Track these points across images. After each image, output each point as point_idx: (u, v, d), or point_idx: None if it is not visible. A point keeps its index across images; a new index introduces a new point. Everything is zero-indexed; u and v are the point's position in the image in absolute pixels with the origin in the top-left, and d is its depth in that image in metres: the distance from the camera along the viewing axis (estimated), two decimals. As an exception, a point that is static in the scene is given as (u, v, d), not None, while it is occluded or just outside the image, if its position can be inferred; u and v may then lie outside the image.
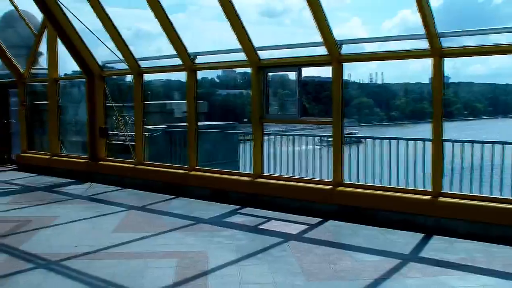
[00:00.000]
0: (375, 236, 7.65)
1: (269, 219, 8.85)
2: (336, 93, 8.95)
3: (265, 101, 10.10)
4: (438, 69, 7.89)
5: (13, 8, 15.08)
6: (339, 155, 9.07)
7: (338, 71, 8.95)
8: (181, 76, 11.89)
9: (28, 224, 8.71)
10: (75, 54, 12.63)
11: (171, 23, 10.55)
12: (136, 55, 11.98)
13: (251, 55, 9.89)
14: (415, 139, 10.21)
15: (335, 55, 8.88)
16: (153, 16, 10.47)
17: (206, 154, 12.85)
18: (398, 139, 10.52)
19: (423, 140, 9.86)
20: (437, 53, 7.84)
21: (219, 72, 34.99)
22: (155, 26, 10.58)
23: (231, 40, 9.86)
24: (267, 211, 9.30)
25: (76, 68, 14.46)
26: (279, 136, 12.99)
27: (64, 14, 12.35)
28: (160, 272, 6.24)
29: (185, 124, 12.05)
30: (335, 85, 8.97)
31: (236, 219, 8.94)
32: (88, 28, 12.19)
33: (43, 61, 16.66)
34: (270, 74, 10.16)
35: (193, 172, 10.95)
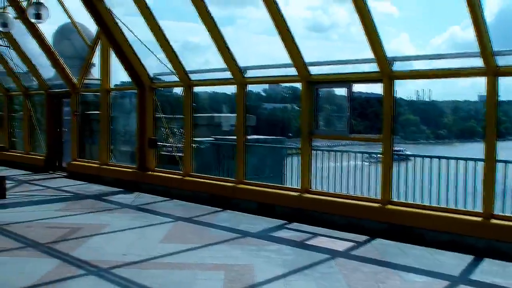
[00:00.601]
0: (423, 256, 7.55)
1: (316, 235, 8.82)
2: (387, 111, 8.90)
3: (314, 116, 10.11)
4: (492, 88, 7.77)
5: (68, 20, 15.49)
6: (388, 172, 9.00)
7: (389, 88, 8.90)
8: (227, 88, 12.03)
9: (79, 231, 8.90)
10: (127, 66, 12.89)
11: (222, 38, 10.68)
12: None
13: (302, 70, 9.92)
14: (466, 159, 10.03)
15: (387, 72, 8.84)
16: (202, 29, 10.63)
17: (253, 167, 12.90)
18: (448, 158, 10.36)
19: (474, 160, 9.68)
20: (492, 72, 7.72)
21: (266, 85, 35.13)
22: (203, 38, 10.75)
23: (280, 54, 9.93)
24: (314, 226, 9.27)
25: (124, 79, 14.78)
26: (327, 151, 12.93)
27: (118, 26, 12.65)
28: (208, 284, 6.30)
29: (233, 137, 12.13)
30: (386, 103, 8.92)
31: (283, 233, 8.94)
32: (141, 41, 12.47)
33: (94, 72, 17.06)
34: (320, 89, 10.18)
35: (240, 185, 11.00)
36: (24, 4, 14.45)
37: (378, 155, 9.85)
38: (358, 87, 9.99)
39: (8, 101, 19.99)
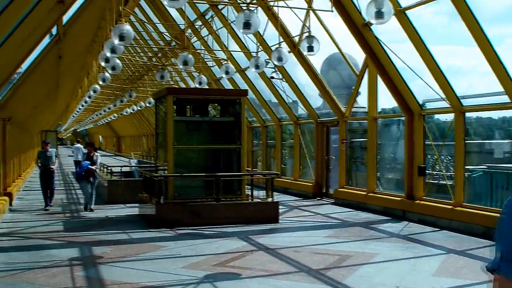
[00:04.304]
0: None
1: None
2: None
3: None
4: None
5: (335, 51, 15.98)
6: None
7: None
8: (493, 113, 11.24)
9: (349, 259, 8.93)
10: (395, 93, 12.80)
11: (499, 58, 9.99)
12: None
13: None
14: None
15: None
16: (466, 52, 10.21)
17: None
18: None
19: None
20: None
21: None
22: (467, 61, 10.23)
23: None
24: None
25: (385, 105, 14.65)
26: None
27: (385, 53, 12.65)
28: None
29: (508, 165, 11.26)
30: None
31: None
32: (410, 68, 12.37)
33: (359, 100, 17.34)
34: None
35: (519, 219, 10.07)
36: (296, 39, 15.27)
37: None
38: None
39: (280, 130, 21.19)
